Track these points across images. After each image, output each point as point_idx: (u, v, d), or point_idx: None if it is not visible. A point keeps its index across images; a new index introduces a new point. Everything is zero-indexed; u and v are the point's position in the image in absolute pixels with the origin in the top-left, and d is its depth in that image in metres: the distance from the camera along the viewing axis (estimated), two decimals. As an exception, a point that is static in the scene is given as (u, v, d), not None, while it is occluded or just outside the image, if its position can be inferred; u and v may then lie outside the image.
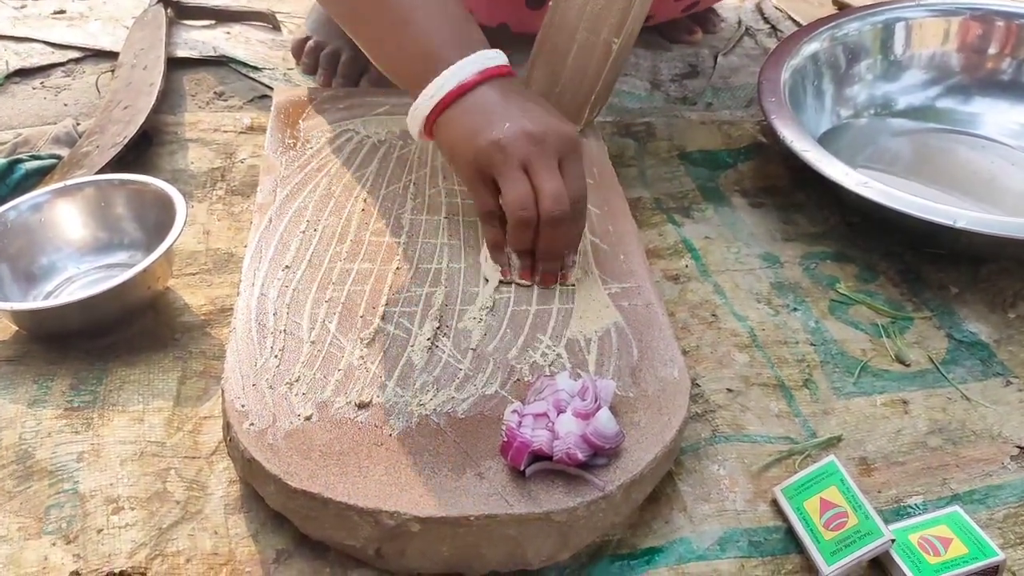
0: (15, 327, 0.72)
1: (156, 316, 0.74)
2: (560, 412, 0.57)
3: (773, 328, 0.77)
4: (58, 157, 0.90)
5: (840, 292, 0.81)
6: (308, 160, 0.83)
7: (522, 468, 0.55)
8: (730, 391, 0.70)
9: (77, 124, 0.97)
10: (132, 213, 0.78)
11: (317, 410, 0.59)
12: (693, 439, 0.66)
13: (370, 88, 1.03)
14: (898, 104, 1.05)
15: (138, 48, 1.08)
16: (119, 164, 0.87)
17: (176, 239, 0.71)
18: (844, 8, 1.21)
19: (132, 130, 0.91)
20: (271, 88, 1.04)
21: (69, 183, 0.78)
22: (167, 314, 0.75)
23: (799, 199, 0.93)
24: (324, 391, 0.61)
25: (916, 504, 0.63)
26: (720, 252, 0.85)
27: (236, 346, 0.63)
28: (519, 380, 0.63)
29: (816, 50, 1.01)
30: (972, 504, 0.63)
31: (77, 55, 1.12)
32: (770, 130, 0.91)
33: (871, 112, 1.05)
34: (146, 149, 0.94)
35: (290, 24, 1.21)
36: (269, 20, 1.20)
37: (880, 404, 0.70)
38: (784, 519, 0.61)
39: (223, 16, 1.20)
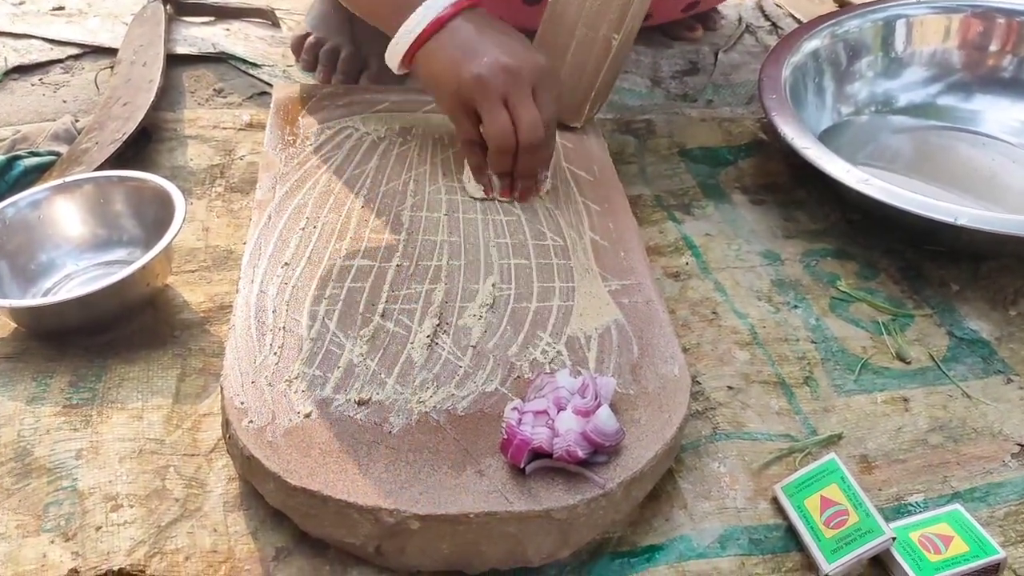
0: (14, 324, 0.72)
1: (155, 313, 0.74)
2: (560, 409, 0.57)
3: (774, 325, 0.76)
4: (57, 154, 0.90)
5: (841, 289, 0.81)
6: (308, 157, 0.83)
7: (522, 466, 0.55)
8: (731, 388, 0.70)
9: (76, 121, 0.97)
10: (131, 210, 0.78)
11: (317, 407, 0.59)
12: (693, 436, 0.66)
13: (370, 85, 1.03)
14: (899, 101, 1.05)
15: (137, 45, 1.08)
16: (118, 161, 0.87)
17: (175, 236, 0.71)
18: (845, 5, 1.21)
19: (131, 127, 0.91)
20: (270, 85, 1.04)
21: (68, 180, 0.78)
22: (166, 311, 0.75)
23: (800, 196, 0.93)
24: (324, 388, 0.60)
25: (917, 502, 0.63)
26: (721, 249, 0.85)
27: (235, 343, 0.63)
28: (519, 377, 0.62)
29: (817, 47, 1.01)
30: (973, 502, 0.63)
31: (76, 52, 1.12)
32: (771, 127, 0.91)
33: (872, 109, 1.05)
34: (145, 146, 0.94)
35: (289, 21, 1.21)
36: (268, 17, 1.20)
37: (881, 402, 0.70)
38: (784, 517, 0.60)
39: (222, 13, 1.20)
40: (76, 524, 0.58)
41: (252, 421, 0.58)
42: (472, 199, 0.79)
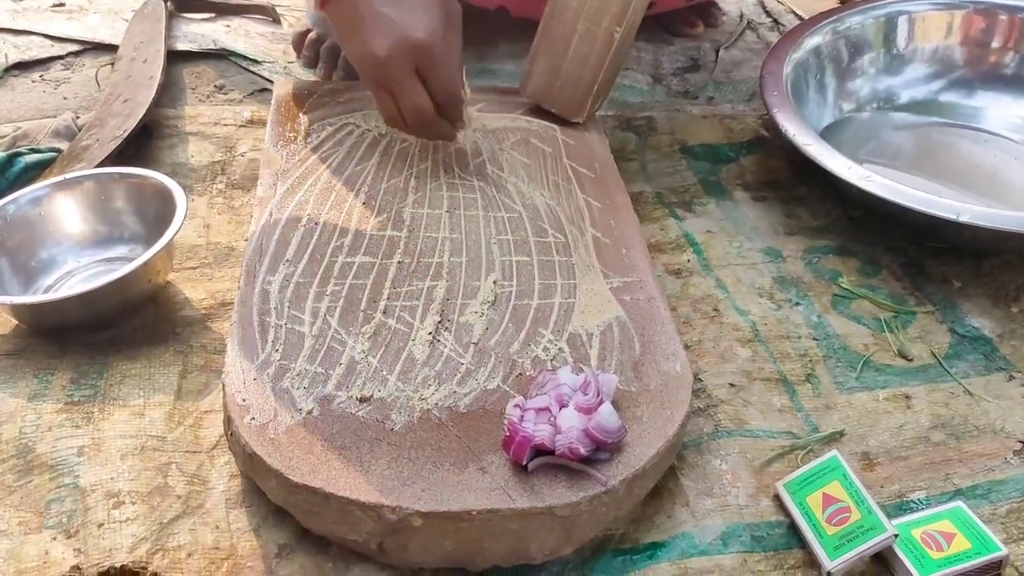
0: (15, 321, 0.72)
1: (156, 310, 0.74)
2: (562, 406, 0.57)
3: (775, 323, 0.76)
4: (57, 150, 0.90)
5: (842, 286, 0.81)
6: (309, 154, 0.83)
7: (524, 463, 0.55)
8: (732, 386, 0.70)
9: (77, 117, 0.96)
10: (132, 207, 0.78)
11: (319, 404, 0.59)
12: (695, 434, 0.66)
13: (371, 81, 1.03)
14: (901, 98, 1.05)
15: (138, 41, 1.08)
16: (119, 158, 0.87)
17: (176, 233, 0.71)
18: (846, 1, 1.20)
19: (132, 123, 0.91)
20: (271, 81, 1.04)
21: (69, 176, 0.78)
22: (167, 308, 0.74)
23: (801, 193, 0.93)
24: (326, 386, 0.60)
25: (919, 499, 0.63)
26: (722, 246, 0.85)
27: (237, 340, 0.63)
28: (521, 374, 0.62)
29: (818, 44, 1.01)
30: (975, 499, 0.63)
31: (76, 48, 1.12)
32: (772, 124, 0.91)
33: (874, 106, 1.04)
34: (146, 142, 0.93)
35: (290, 17, 1.21)
36: (269, 13, 1.20)
37: (882, 399, 0.70)
38: (786, 514, 0.60)
39: (223, 9, 1.20)
40: (78, 521, 0.58)
41: (254, 418, 0.58)
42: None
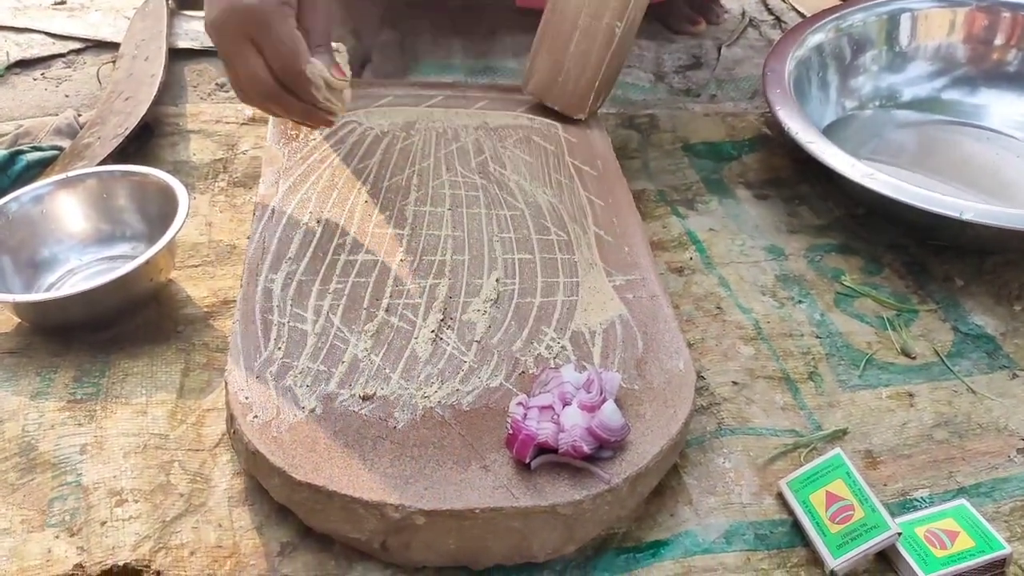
0: (17, 319, 0.72)
1: (159, 308, 0.74)
2: (565, 404, 0.57)
3: (778, 320, 0.76)
4: (59, 148, 0.90)
5: (845, 284, 0.80)
6: (311, 151, 0.83)
7: (527, 461, 0.55)
8: (735, 384, 0.70)
9: (78, 115, 0.96)
10: (134, 205, 0.78)
11: (321, 402, 0.59)
12: (698, 432, 0.66)
13: (372, 79, 1.03)
14: (903, 96, 1.05)
15: (139, 39, 1.08)
16: (121, 155, 0.87)
17: (178, 231, 0.71)
18: (848, -1, 1.20)
19: (134, 121, 0.91)
20: (273, 79, 1.04)
21: (71, 174, 0.78)
22: (170, 306, 0.74)
23: (804, 191, 0.93)
24: (328, 383, 0.60)
25: (922, 497, 0.63)
26: (724, 244, 0.85)
27: (239, 338, 0.63)
28: (524, 372, 0.62)
29: (821, 41, 1.01)
30: (978, 497, 0.62)
31: (78, 46, 1.12)
32: (774, 122, 0.90)
33: (876, 104, 1.04)
34: (148, 140, 0.93)
35: (292, 15, 1.21)
36: (271, 11, 1.20)
37: (886, 397, 0.70)
38: (790, 512, 0.60)
39: (224, 7, 1.19)
40: (81, 519, 0.58)
41: (257, 416, 0.58)
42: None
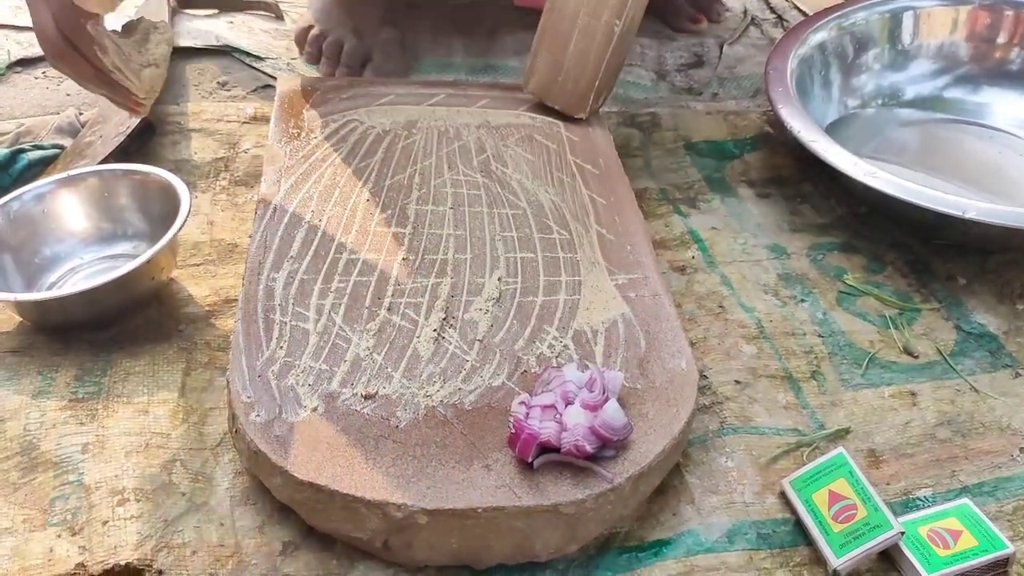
0: (19, 318, 0.72)
1: (160, 307, 0.74)
2: (568, 404, 0.57)
3: (780, 319, 0.76)
4: (61, 147, 0.90)
5: (848, 283, 0.80)
6: (312, 150, 0.83)
7: (530, 460, 0.55)
8: (738, 383, 0.70)
9: (80, 114, 0.96)
10: (136, 203, 0.78)
11: (323, 402, 0.59)
12: (701, 431, 0.66)
13: (374, 78, 1.03)
14: (906, 94, 1.04)
15: (140, 37, 1.08)
16: (122, 154, 0.87)
17: (180, 229, 0.71)
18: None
19: (135, 120, 0.90)
20: (274, 78, 1.04)
21: (72, 173, 0.78)
22: (171, 305, 0.74)
23: (806, 190, 0.92)
24: (330, 383, 0.60)
25: (925, 496, 0.62)
26: (727, 243, 0.85)
27: (241, 337, 0.63)
28: (526, 371, 0.62)
29: (823, 39, 1.00)
30: (981, 496, 0.62)
31: (79, 44, 1.11)
32: (777, 120, 0.90)
33: (879, 102, 1.04)
34: (149, 139, 0.93)
35: (293, 13, 1.21)
36: (272, 9, 1.20)
37: (888, 396, 0.70)
38: (792, 511, 0.60)
39: (226, 5, 1.19)
40: (83, 518, 0.58)
41: (259, 415, 0.58)
42: None
